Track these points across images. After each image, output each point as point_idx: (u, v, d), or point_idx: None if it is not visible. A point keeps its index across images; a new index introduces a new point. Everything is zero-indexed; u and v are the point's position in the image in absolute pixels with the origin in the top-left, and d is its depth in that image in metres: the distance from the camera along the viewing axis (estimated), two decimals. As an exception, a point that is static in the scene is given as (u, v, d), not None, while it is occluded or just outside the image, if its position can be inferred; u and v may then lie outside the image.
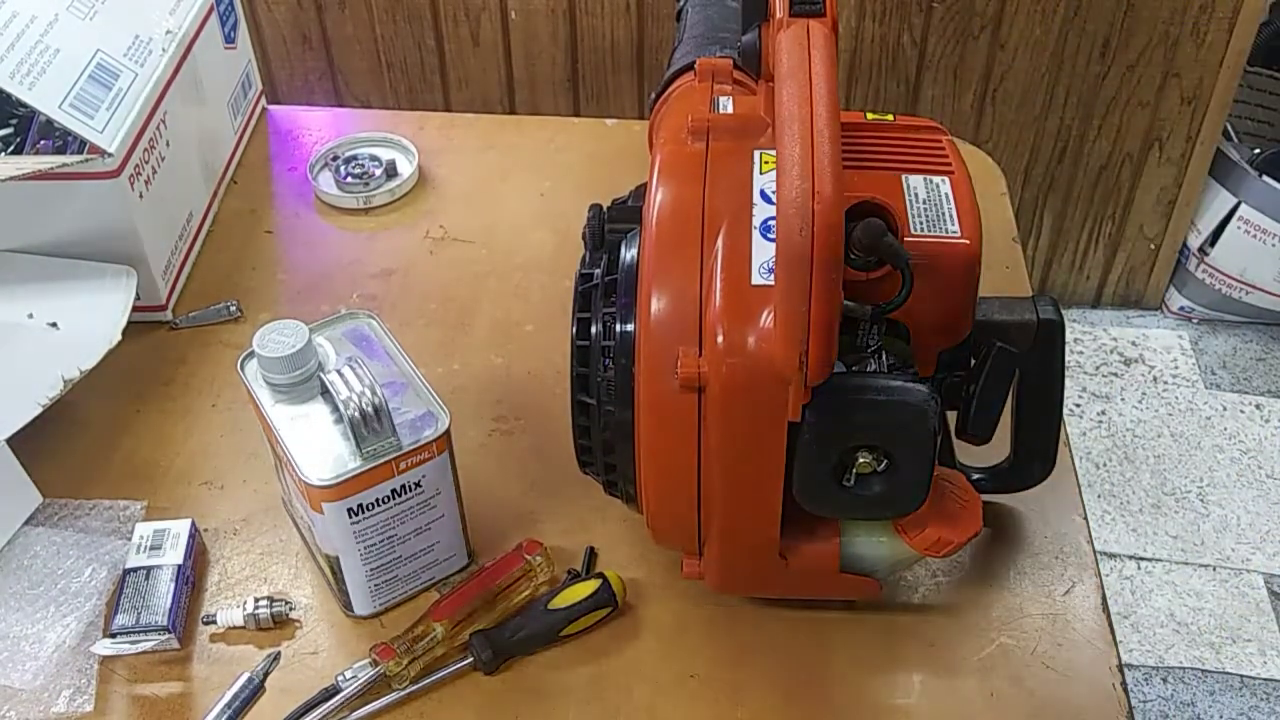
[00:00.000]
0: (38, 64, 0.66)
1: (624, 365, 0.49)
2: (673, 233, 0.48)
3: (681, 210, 0.48)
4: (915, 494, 0.48)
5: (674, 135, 0.52)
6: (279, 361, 0.53)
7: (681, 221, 0.48)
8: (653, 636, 0.57)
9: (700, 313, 0.46)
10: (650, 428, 0.48)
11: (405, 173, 0.83)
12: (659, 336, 0.47)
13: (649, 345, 0.47)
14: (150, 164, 0.71)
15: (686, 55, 0.62)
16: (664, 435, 0.48)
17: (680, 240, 0.47)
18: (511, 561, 0.57)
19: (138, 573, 0.57)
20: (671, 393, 0.46)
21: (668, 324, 0.46)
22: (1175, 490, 1.40)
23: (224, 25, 0.83)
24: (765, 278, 0.46)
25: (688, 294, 0.47)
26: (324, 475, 0.51)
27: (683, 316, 0.46)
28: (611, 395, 0.50)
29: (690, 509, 0.50)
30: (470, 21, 1.23)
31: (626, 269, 0.51)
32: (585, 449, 0.53)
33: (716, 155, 0.50)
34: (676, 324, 0.46)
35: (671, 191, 0.49)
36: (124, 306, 0.67)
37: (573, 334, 0.51)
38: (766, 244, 0.46)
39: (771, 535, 0.50)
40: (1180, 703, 1.22)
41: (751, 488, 0.48)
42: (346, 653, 0.56)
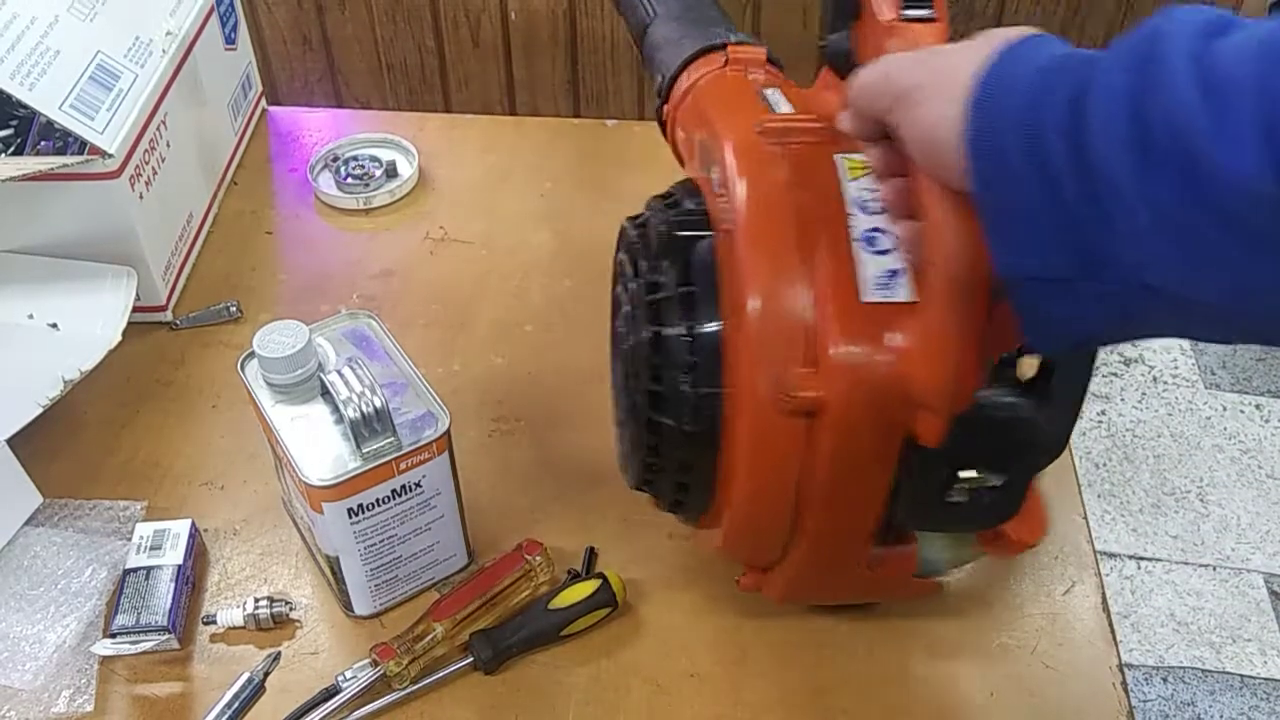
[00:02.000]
0: (38, 65, 0.66)
1: (709, 384, 0.46)
2: (769, 243, 0.44)
3: (773, 214, 0.45)
4: (1013, 505, 0.47)
5: (742, 133, 0.48)
6: (279, 362, 0.53)
7: (777, 230, 0.45)
8: (652, 636, 0.57)
9: (807, 326, 0.43)
10: (749, 450, 0.45)
11: (405, 173, 0.83)
12: (761, 355, 0.44)
13: (749, 365, 0.44)
14: (150, 165, 0.71)
15: (687, 34, 0.59)
16: (764, 458, 0.45)
17: (777, 251, 0.44)
18: (512, 562, 0.57)
19: (138, 573, 0.57)
20: (775, 415, 0.43)
21: (771, 343, 0.44)
22: (1175, 490, 1.40)
23: (224, 26, 0.83)
24: (878, 294, 0.43)
25: (793, 311, 0.43)
26: (324, 475, 0.51)
27: (789, 335, 0.43)
28: (693, 414, 0.47)
29: (778, 528, 0.48)
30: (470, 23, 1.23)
31: (705, 279, 0.47)
32: (652, 467, 0.50)
33: (797, 158, 0.47)
34: (782, 343, 0.43)
35: (759, 194, 0.46)
36: (124, 307, 0.67)
37: (632, 347, 0.48)
38: (871, 258, 0.44)
39: (865, 549, 0.48)
40: (1180, 702, 1.22)
41: (854, 507, 0.46)
42: (347, 653, 0.56)
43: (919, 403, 0.41)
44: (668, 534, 0.61)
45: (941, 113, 0.35)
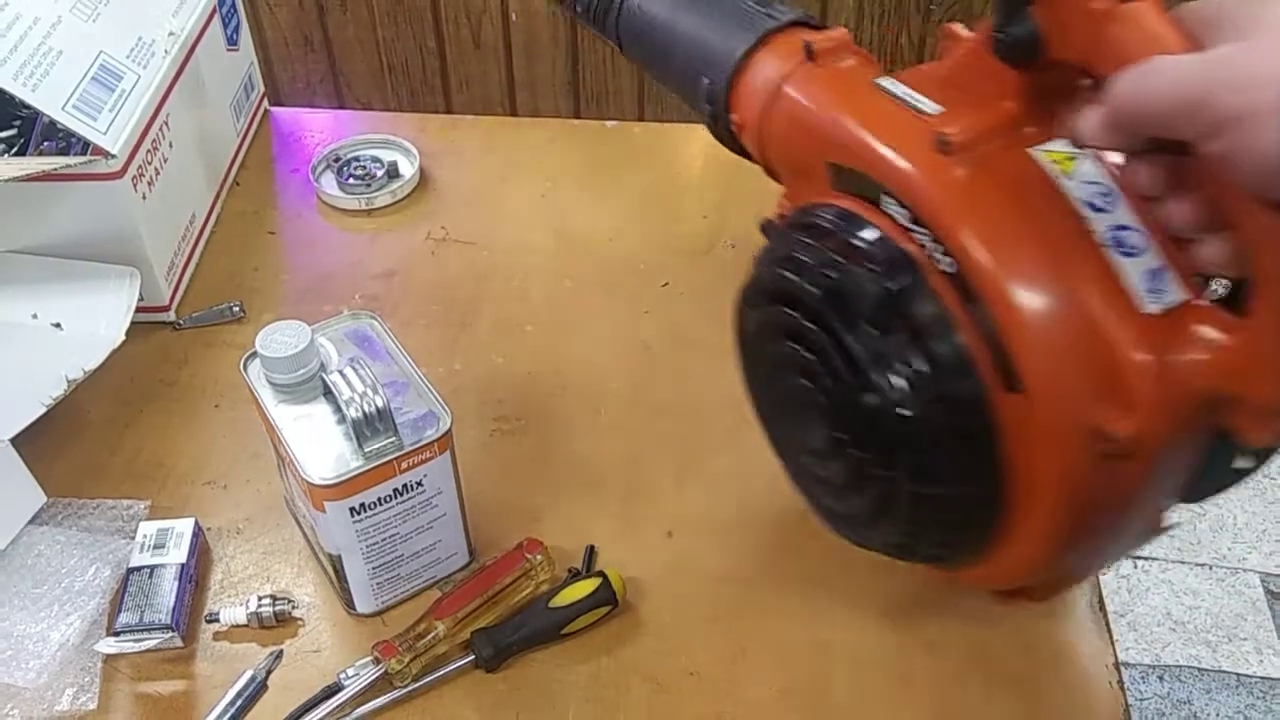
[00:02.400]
0: (41, 65, 0.67)
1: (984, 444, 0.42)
2: (1024, 275, 0.39)
3: (1017, 242, 0.40)
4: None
5: (917, 153, 0.42)
6: (282, 362, 0.54)
7: (1025, 255, 0.40)
8: (652, 634, 0.57)
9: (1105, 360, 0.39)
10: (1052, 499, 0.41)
11: (407, 174, 0.83)
12: (1057, 402, 0.39)
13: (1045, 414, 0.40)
14: (153, 165, 0.71)
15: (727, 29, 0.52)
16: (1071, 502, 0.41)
17: (1037, 278, 0.39)
18: (512, 560, 0.58)
19: (141, 571, 0.57)
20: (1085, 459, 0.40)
21: (1067, 386, 0.39)
22: (1173, 490, 1.40)
23: (226, 27, 0.83)
24: (1156, 302, 0.39)
25: (1079, 343, 0.39)
26: (326, 475, 0.52)
27: (1085, 372, 0.39)
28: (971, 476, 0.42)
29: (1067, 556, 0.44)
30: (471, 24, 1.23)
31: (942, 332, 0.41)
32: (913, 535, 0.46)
33: (997, 166, 0.42)
34: (1079, 384, 0.39)
35: (991, 225, 0.40)
36: (127, 307, 0.68)
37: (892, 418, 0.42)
38: (1128, 261, 0.40)
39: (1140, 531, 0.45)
40: (1177, 701, 1.22)
41: (1155, 509, 0.43)
42: (349, 651, 0.56)
43: (1251, 410, 0.38)
44: (667, 532, 0.61)
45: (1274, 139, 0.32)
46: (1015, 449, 0.41)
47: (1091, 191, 0.41)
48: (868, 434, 0.44)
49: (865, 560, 0.54)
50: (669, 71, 0.57)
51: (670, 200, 0.83)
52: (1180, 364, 0.38)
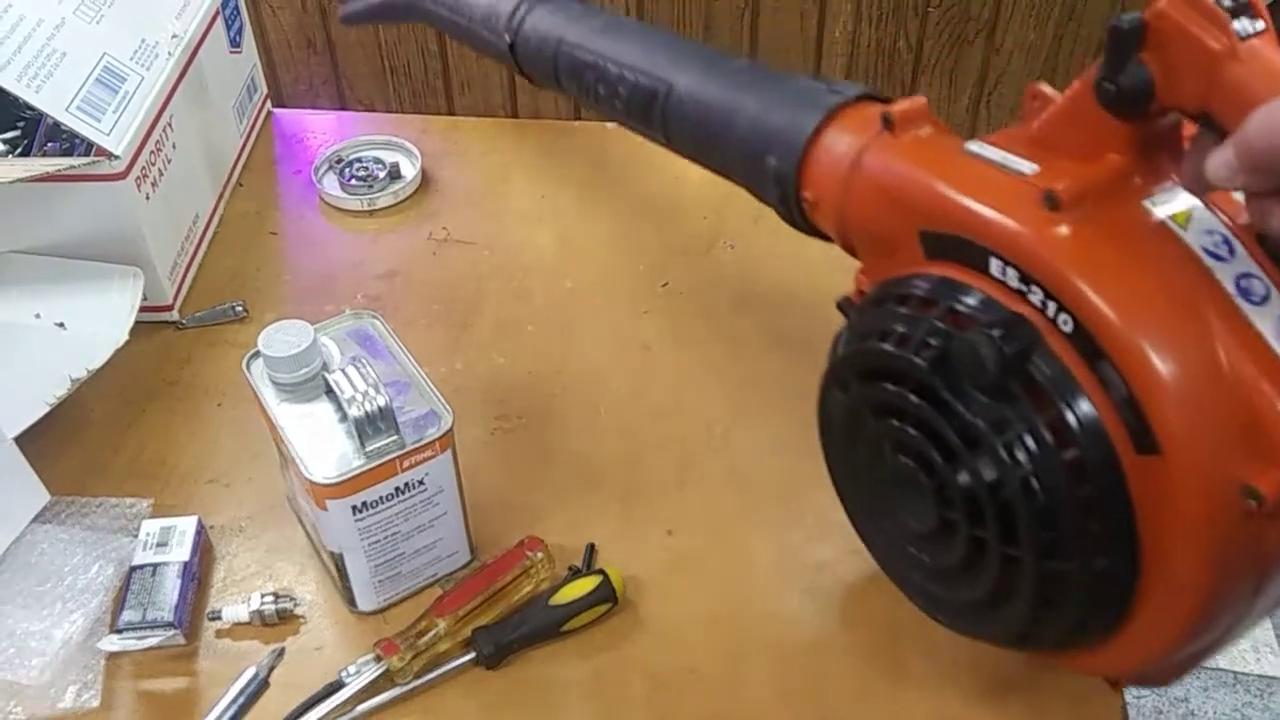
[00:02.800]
0: (45, 67, 0.67)
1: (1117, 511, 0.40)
2: (1161, 331, 0.38)
3: (1148, 299, 0.38)
4: None
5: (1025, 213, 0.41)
6: (284, 361, 0.54)
7: (1159, 313, 0.38)
8: (652, 632, 0.57)
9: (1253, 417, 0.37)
10: (1197, 565, 0.39)
11: (409, 175, 0.84)
12: (1199, 461, 0.37)
13: (1184, 478, 0.38)
14: (157, 166, 0.71)
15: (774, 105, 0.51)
16: (1218, 570, 0.39)
17: (1175, 336, 0.38)
18: (513, 558, 0.58)
19: (144, 569, 0.57)
20: (1233, 523, 0.38)
21: (1211, 443, 0.37)
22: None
23: (229, 29, 0.83)
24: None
25: (1223, 400, 0.37)
26: (329, 473, 0.52)
27: (1233, 431, 0.37)
28: (1107, 547, 0.40)
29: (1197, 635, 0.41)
30: (472, 26, 1.23)
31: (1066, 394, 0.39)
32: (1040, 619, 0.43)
33: (1111, 223, 0.40)
34: (1227, 443, 0.37)
35: (1119, 282, 0.39)
36: (131, 307, 0.68)
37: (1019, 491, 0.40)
38: (1258, 310, 0.38)
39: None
40: (1173, 698, 1.22)
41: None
42: (350, 648, 0.56)
43: None
44: (667, 531, 0.62)
45: None
46: (1150, 516, 0.39)
47: (1212, 241, 0.40)
48: (987, 510, 0.42)
49: (863, 559, 0.54)
50: (727, 156, 0.56)
51: (670, 201, 0.83)
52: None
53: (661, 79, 0.57)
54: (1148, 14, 0.39)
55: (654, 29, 0.63)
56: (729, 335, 0.73)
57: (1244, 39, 0.37)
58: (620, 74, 0.59)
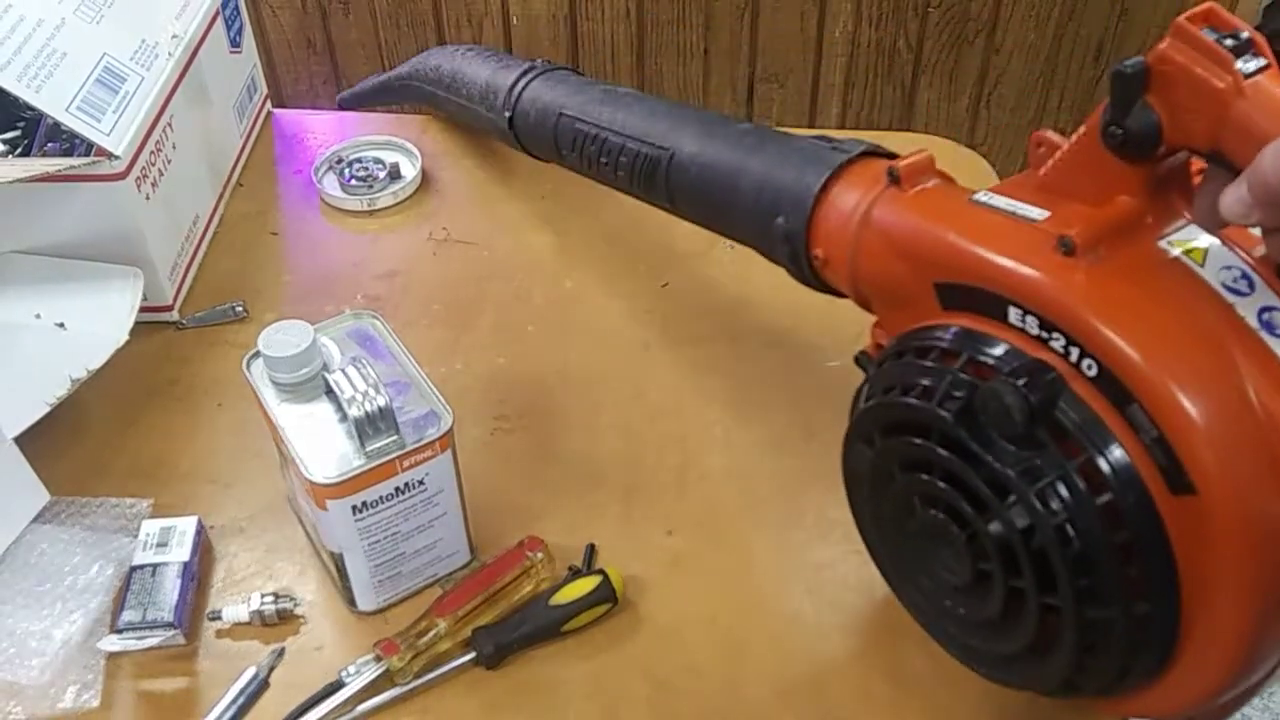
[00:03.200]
0: (45, 67, 0.67)
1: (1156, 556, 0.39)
2: (1188, 371, 0.38)
3: (1171, 340, 0.38)
4: None
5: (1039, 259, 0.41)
6: (284, 361, 0.54)
7: (1184, 353, 0.38)
8: (652, 632, 0.57)
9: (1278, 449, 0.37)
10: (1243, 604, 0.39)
11: (409, 175, 0.84)
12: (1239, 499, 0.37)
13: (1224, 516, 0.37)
14: (157, 167, 0.72)
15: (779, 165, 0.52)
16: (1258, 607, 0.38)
17: (1202, 375, 0.38)
18: (513, 558, 0.58)
19: (144, 569, 0.57)
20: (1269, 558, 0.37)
21: (1249, 480, 0.37)
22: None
23: (229, 30, 0.83)
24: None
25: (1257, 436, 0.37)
26: (329, 473, 0.52)
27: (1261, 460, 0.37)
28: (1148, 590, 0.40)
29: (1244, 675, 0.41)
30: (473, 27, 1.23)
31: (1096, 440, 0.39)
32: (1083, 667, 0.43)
33: (1126, 264, 0.40)
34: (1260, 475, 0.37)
35: (1139, 325, 0.39)
36: (131, 307, 0.68)
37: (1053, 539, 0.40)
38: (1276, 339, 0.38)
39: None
40: (1174, 700, 1.22)
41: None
42: (350, 648, 0.56)
43: None
44: (667, 531, 0.62)
45: None
46: (1189, 557, 0.39)
47: (1231, 276, 0.40)
48: (1022, 560, 0.41)
49: (863, 559, 0.54)
50: (734, 219, 0.56)
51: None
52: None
53: (663, 146, 0.58)
54: (1150, 57, 0.39)
55: (652, 97, 0.63)
56: (729, 335, 0.73)
57: (1248, 76, 0.37)
58: (622, 143, 0.59)
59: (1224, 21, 0.38)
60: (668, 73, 1.27)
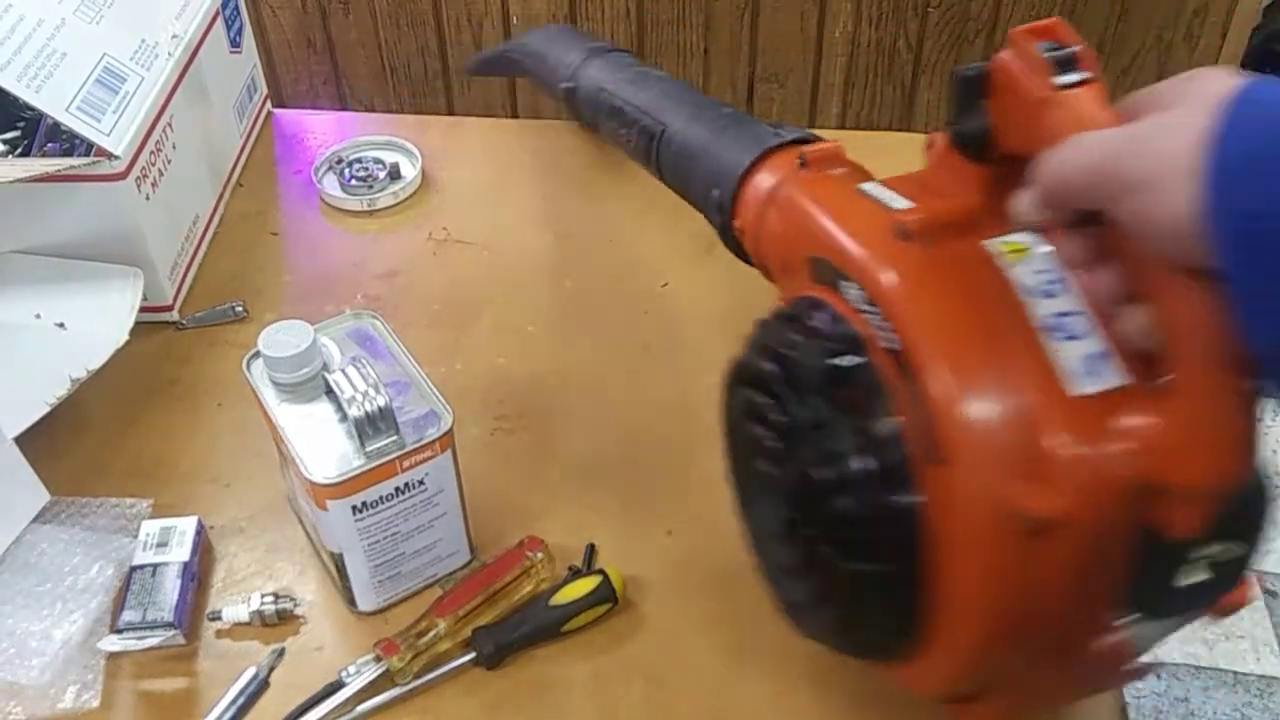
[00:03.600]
0: (45, 67, 0.67)
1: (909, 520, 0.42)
2: (955, 354, 0.41)
3: (950, 323, 0.41)
4: (1241, 573, 0.42)
5: (875, 240, 0.44)
6: (284, 361, 0.54)
7: (957, 336, 0.41)
8: (652, 632, 0.57)
9: (1024, 439, 0.39)
10: (976, 579, 0.41)
11: (409, 175, 0.84)
12: (976, 477, 0.39)
13: (964, 490, 0.40)
14: (157, 167, 0.72)
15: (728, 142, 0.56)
16: (998, 585, 0.40)
17: (965, 358, 0.40)
18: (513, 558, 0.58)
19: (144, 570, 0.57)
20: (1002, 540, 0.39)
21: (986, 461, 0.39)
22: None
23: (229, 30, 0.83)
24: (1090, 384, 0.39)
25: (1002, 422, 0.39)
26: (329, 473, 0.52)
27: (1005, 449, 0.39)
28: (897, 553, 0.42)
29: (1014, 650, 0.42)
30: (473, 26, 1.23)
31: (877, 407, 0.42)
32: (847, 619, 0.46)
33: (946, 254, 0.43)
34: (999, 459, 0.39)
35: (928, 305, 0.42)
36: (131, 307, 0.68)
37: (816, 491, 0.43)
38: (1066, 345, 0.40)
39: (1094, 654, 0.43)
40: (1174, 698, 1.22)
41: (1083, 613, 0.42)
42: (350, 648, 0.56)
43: (1178, 496, 0.37)
44: (667, 531, 0.62)
45: (1179, 201, 0.33)
46: (940, 525, 0.41)
47: (1040, 279, 0.42)
48: (812, 509, 0.44)
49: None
50: (692, 189, 0.61)
51: (670, 201, 0.83)
52: (1106, 447, 0.38)
53: (660, 121, 0.63)
54: (990, 64, 0.41)
55: (673, 81, 0.67)
56: (729, 335, 0.73)
57: (1065, 88, 0.38)
58: (636, 117, 0.64)
59: (1062, 37, 0.40)
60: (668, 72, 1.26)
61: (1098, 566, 0.40)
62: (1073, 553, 0.39)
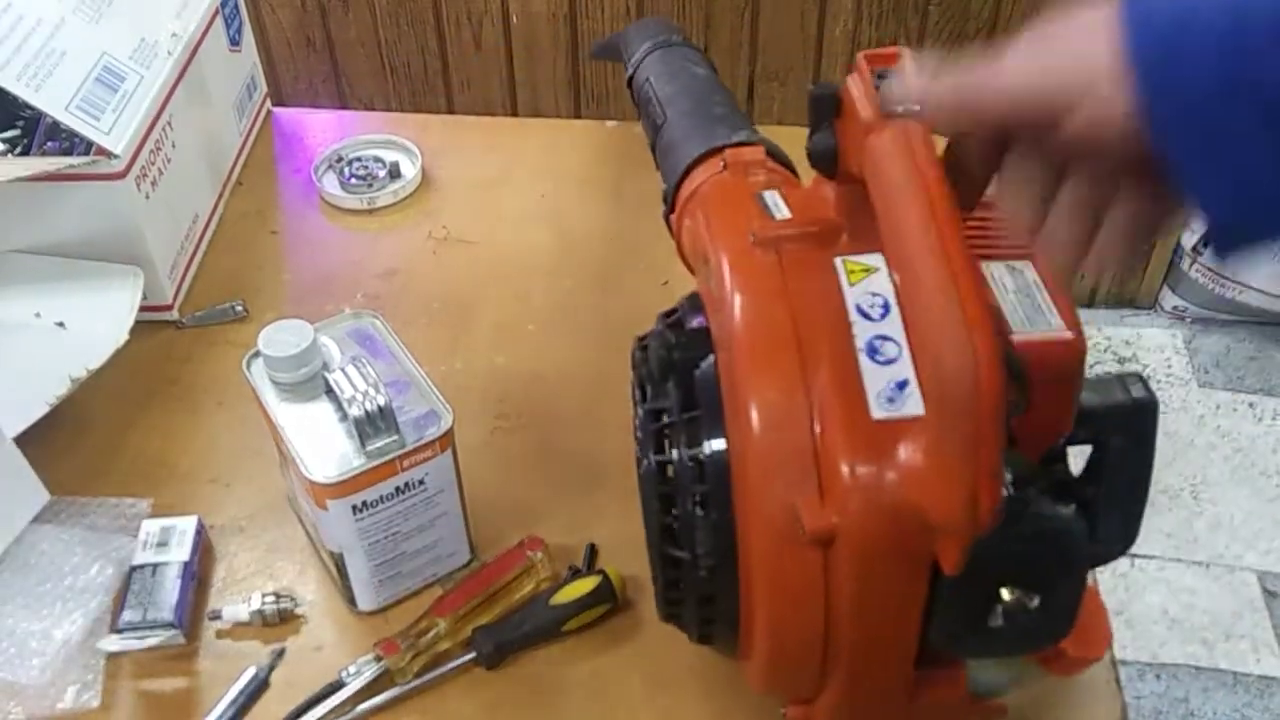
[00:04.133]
0: (44, 66, 0.67)
1: (720, 510, 0.43)
2: (767, 357, 0.42)
3: (771, 330, 0.43)
4: (1064, 624, 0.43)
5: (736, 243, 0.46)
6: (284, 360, 0.54)
7: (774, 345, 0.42)
8: (651, 631, 0.57)
9: (815, 448, 0.40)
10: (766, 583, 0.42)
11: (409, 174, 0.84)
12: (767, 484, 0.41)
13: (757, 495, 0.41)
14: (156, 165, 0.71)
15: (690, 138, 0.58)
16: (783, 590, 0.42)
17: (776, 364, 0.42)
18: (513, 558, 0.58)
19: (144, 569, 0.57)
20: (789, 545, 0.40)
21: (777, 470, 0.40)
22: (1169, 488, 1.41)
23: (229, 28, 0.83)
24: (886, 410, 0.40)
25: (797, 434, 0.40)
26: (329, 473, 0.52)
27: (795, 461, 0.40)
28: (707, 545, 0.44)
29: (809, 661, 0.44)
30: (472, 25, 1.23)
31: (707, 398, 0.44)
32: (676, 602, 0.48)
33: (793, 266, 0.44)
34: (788, 470, 0.40)
35: (755, 309, 0.43)
36: (130, 306, 0.68)
37: (644, 475, 0.46)
38: (877, 369, 0.41)
39: (904, 677, 0.44)
40: (1174, 699, 1.23)
41: (885, 635, 0.43)
42: (350, 648, 0.56)
43: (936, 527, 0.38)
44: (667, 531, 0.62)
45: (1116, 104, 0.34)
46: (740, 527, 0.43)
47: (869, 301, 0.43)
48: (645, 492, 0.46)
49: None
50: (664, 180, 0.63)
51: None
52: (883, 473, 0.39)
53: (664, 113, 0.64)
54: (841, 88, 0.43)
55: (704, 75, 0.67)
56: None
57: (893, 115, 0.39)
58: (651, 110, 0.66)
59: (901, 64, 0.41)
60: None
61: (885, 589, 0.41)
62: (852, 570, 0.40)
